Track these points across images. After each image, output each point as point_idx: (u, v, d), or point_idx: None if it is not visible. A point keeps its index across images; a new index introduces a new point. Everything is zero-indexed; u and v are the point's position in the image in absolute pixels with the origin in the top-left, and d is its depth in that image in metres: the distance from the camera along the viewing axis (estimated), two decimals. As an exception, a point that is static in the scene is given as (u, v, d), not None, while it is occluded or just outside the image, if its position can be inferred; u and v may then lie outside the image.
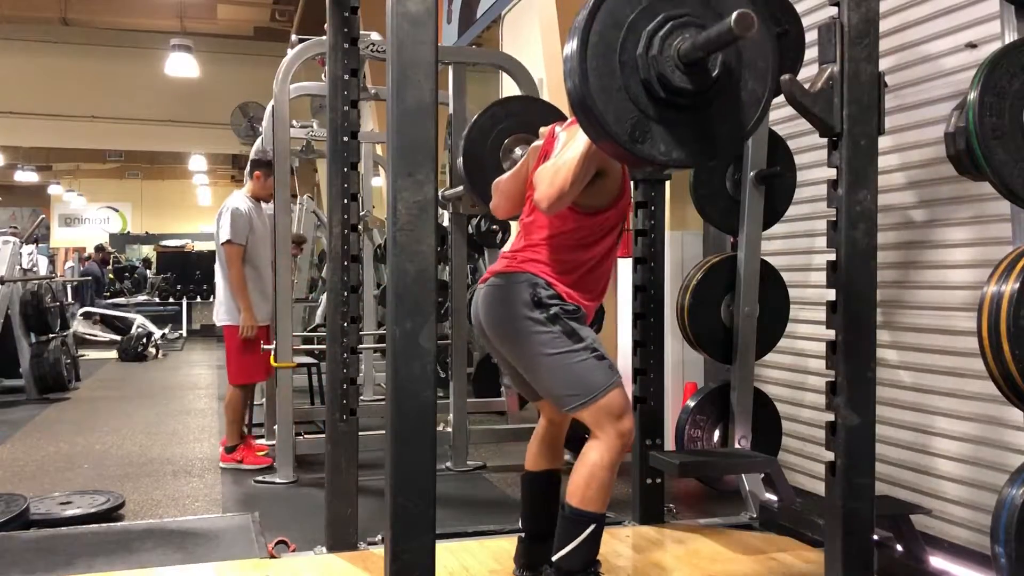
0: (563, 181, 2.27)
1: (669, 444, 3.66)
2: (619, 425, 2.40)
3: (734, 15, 1.77)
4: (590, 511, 2.39)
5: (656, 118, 1.97)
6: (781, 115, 3.78)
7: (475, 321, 2.60)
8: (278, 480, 4.39)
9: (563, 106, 5.54)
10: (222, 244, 4.76)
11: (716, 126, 2.01)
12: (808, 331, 3.99)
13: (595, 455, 2.40)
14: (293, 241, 5.29)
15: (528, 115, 3.81)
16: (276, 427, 4.56)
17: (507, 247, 2.64)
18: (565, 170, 2.28)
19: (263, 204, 4.92)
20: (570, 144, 2.33)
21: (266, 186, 4.82)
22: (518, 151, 3.68)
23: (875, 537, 2.12)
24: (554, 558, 2.44)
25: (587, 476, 2.39)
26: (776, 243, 4.14)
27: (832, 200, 2.03)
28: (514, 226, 5.11)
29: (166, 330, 12.30)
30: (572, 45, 1.97)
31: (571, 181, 2.27)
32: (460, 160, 3.84)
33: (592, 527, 2.40)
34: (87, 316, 12.58)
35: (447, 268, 4.93)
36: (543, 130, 2.72)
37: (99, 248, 17.06)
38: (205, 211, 23.72)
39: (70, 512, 3.73)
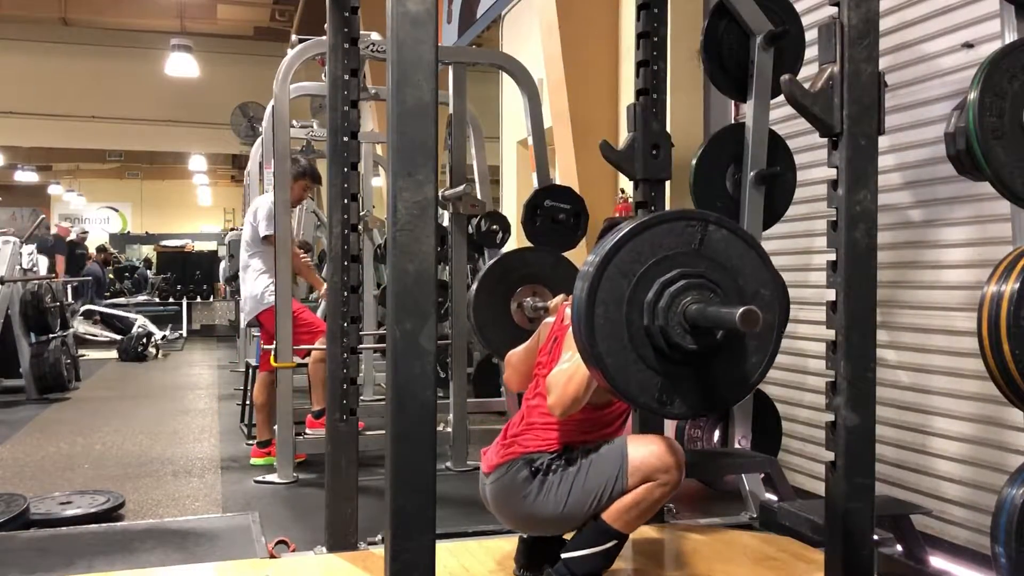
0: (575, 390, 2.33)
1: (669, 444, 3.66)
2: (666, 467, 2.40)
3: (739, 312, 1.86)
4: (618, 530, 2.43)
5: (671, 375, 2.07)
6: (781, 115, 3.78)
7: (488, 508, 2.65)
8: (278, 480, 4.39)
9: (563, 106, 5.56)
10: (263, 238, 4.78)
11: (724, 376, 2.12)
12: (808, 331, 3.99)
13: (646, 488, 2.41)
14: (300, 247, 5.31)
15: (541, 267, 4.00)
16: (276, 427, 4.55)
17: (510, 425, 2.66)
18: (578, 378, 2.31)
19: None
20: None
21: (294, 191, 4.90)
22: (528, 301, 3.88)
23: (875, 537, 2.12)
24: (564, 554, 2.46)
25: (632, 502, 2.41)
26: (776, 243, 4.14)
27: (832, 200, 2.03)
28: (515, 227, 5.11)
29: (167, 332, 12.30)
30: (580, 328, 2.06)
31: (583, 389, 2.33)
32: (471, 310, 3.99)
33: (613, 543, 2.45)
34: (88, 315, 12.58)
35: (447, 268, 4.92)
36: (552, 303, 2.77)
37: (101, 249, 17.06)
38: (205, 211, 23.74)
39: (70, 512, 3.72)
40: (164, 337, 11.73)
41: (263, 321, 4.88)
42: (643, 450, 2.42)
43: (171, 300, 15.25)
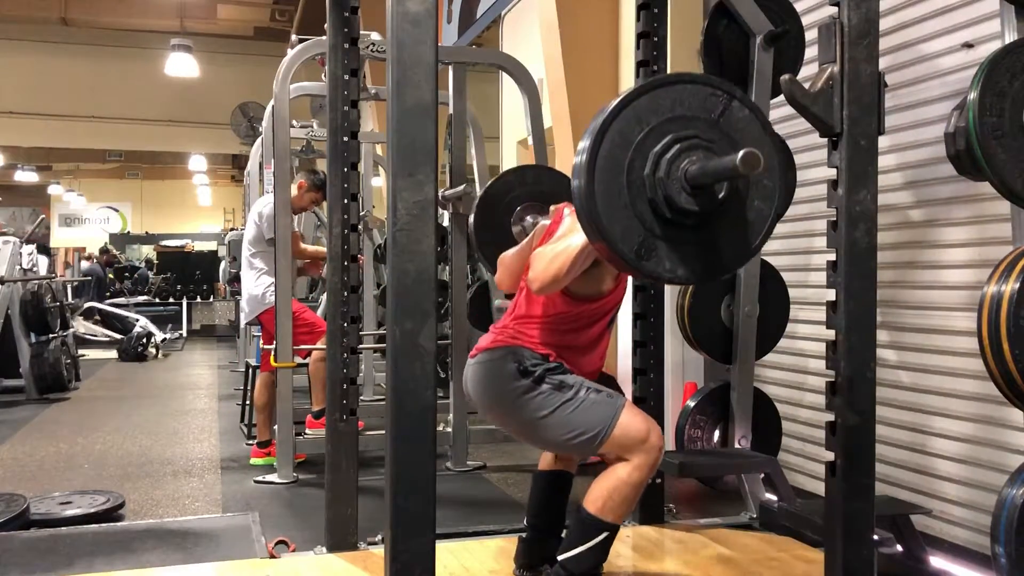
0: (558, 268, 2.31)
1: (669, 444, 3.66)
2: (646, 445, 2.41)
3: (740, 155, 1.82)
4: (607, 520, 2.42)
5: (662, 236, 2.02)
6: (781, 115, 3.78)
7: (466, 395, 2.65)
8: (278, 480, 4.39)
9: (563, 106, 5.55)
10: (268, 240, 4.78)
11: (722, 245, 2.08)
12: (808, 331, 3.99)
13: (624, 472, 2.41)
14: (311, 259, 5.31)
15: (541, 184, 3.89)
16: (276, 427, 4.55)
17: (501, 319, 2.67)
18: (563, 257, 2.30)
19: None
20: (572, 231, 2.34)
21: (303, 199, 4.95)
22: (528, 220, 3.77)
23: (875, 537, 2.12)
24: (560, 556, 2.46)
25: (611, 488, 2.41)
26: (776, 243, 4.14)
27: (832, 200, 2.03)
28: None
29: (167, 333, 12.30)
30: (581, 160, 2.01)
31: (566, 269, 2.30)
32: (472, 225, 3.93)
33: (604, 535, 2.43)
34: (88, 314, 12.58)
35: (447, 268, 4.93)
36: (553, 208, 2.77)
37: (104, 251, 17.04)
38: (205, 211, 23.74)
39: (70, 512, 3.72)
40: (164, 340, 11.73)
41: (264, 321, 4.88)
42: (635, 420, 2.43)
43: (171, 300, 15.26)
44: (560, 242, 2.36)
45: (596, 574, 2.47)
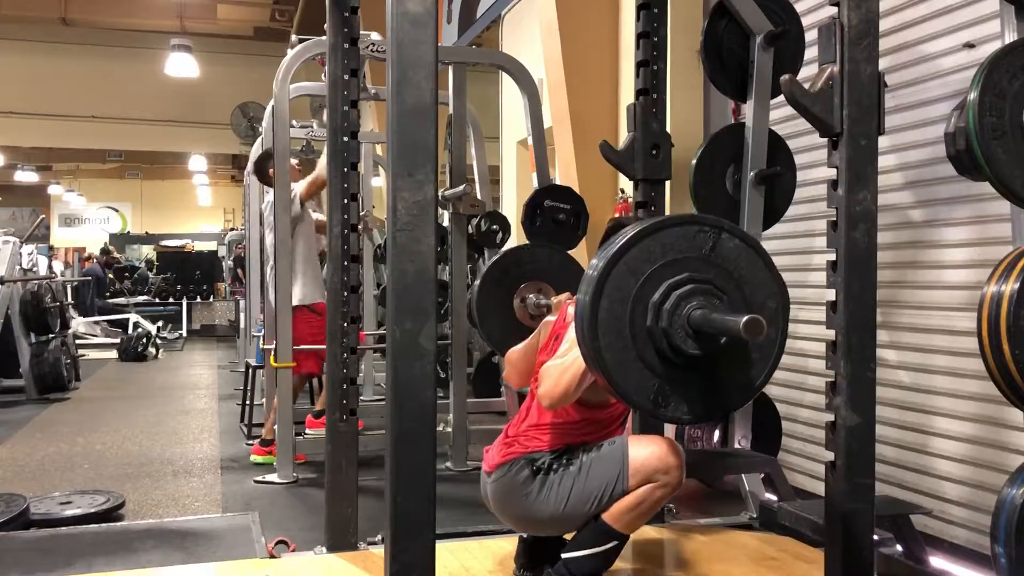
0: (567, 384, 2.32)
1: (669, 444, 3.66)
2: (666, 466, 2.40)
3: (744, 321, 1.86)
4: (618, 531, 2.43)
5: (673, 381, 2.06)
6: (781, 115, 3.77)
7: (489, 508, 2.65)
8: (278, 480, 4.39)
9: (563, 106, 5.56)
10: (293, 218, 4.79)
11: (727, 382, 2.12)
12: (808, 331, 3.99)
13: (646, 490, 2.41)
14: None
15: (546, 263, 3.98)
16: (276, 427, 4.55)
17: (511, 425, 2.66)
18: (571, 372, 2.31)
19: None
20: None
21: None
22: (531, 298, 3.86)
23: (875, 537, 2.12)
24: (565, 554, 2.46)
25: (632, 503, 2.41)
26: (776, 243, 4.14)
27: (832, 200, 2.03)
28: (515, 227, 5.10)
29: (166, 332, 12.30)
30: (583, 319, 2.05)
31: (575, 384, 2.32)
32: (474, 303, 3.98)
33: (613, 544, 2.44)
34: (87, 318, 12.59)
35: (447, 268, 4.92)
36: (555, 301, 2.77)
37: (104, 251, 17.03)
38: (205, 211, 23.73)
39: (70, 512, 3.72)
40: (160, 334, 11.70)
41: (295, 313, 4.87)
42: (644, 451, 2.42)
43: (171, 300, 15.25)
44: (568, 356, 2.35)
45: None
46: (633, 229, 2.07)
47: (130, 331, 11.37)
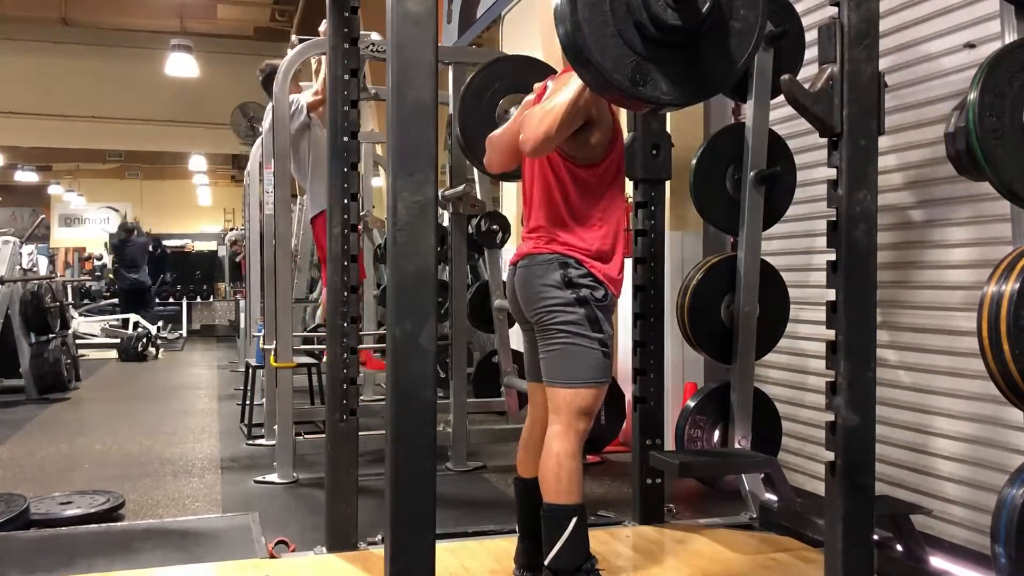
0: (549, 124, 2.32)
1: (669, 444, 3.67)
2: (583, 423, 2.45)
3: None
4: (568, 503, 2.39)
5: (653, 59, 2.00)
6: (781, 115, 3.78)
7: (511, 299, 2.65)
8: (278, 480, 4.39)
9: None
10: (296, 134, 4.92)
11: (710, 61, 2.06)
12: (808, 331, 3.99)
13: (558, 445, 2.42)
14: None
15: (523, 75, 3.80)
16: (276, 427, 4.55)
17: (526, 226, 2.66)
18: (554, 113, 2.32)
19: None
20: (560, 90, 2.37)
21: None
22: (513, 111, 3.65)
23: (875, 537, 2.12)
24: (545, 562, 2.42)
25: (555, 468, 2.40)
26: (776, 243, 4.14)
27: (832, 200, 2.03)
28: (515, 227, 5.10)
29: (167, 332, 12.30)
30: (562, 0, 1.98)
31: (558, 124, 2.31)
32: (456, 124, 3.85)
33: (574, 520, 2.38)
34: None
35: (447, 268, 4.92)
36: (536, 85, 2.75)
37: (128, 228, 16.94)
38: (205, 211, 23.72)
39: (70, 512, 3.72)
40: (160, 334, 11.70)
41: (315, 224, 4.93)
42: (598, 401, 2.50)
43: (171, 300, 15.26)
44: (547, 102, 2.37)
45: (592, 567, 2.45)
46: None
47: (130, 331, 11.37)
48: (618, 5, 1.98)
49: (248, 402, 5.82)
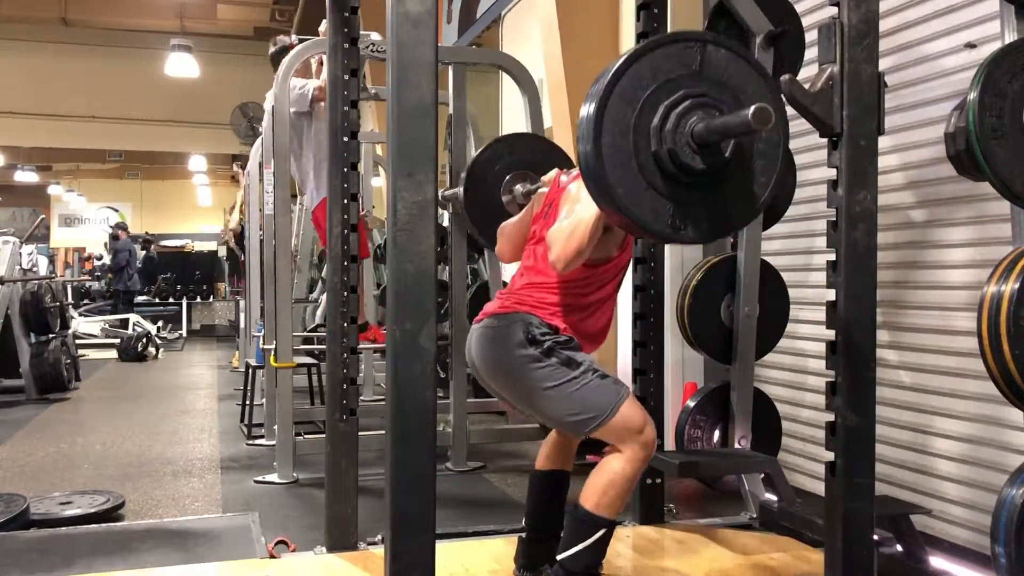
0: (579, 242, 2.31)
1: (669, 444, 3.66)
2: (641, 437, 2.41)
3: (752, 109, 1.83)
4: (603, 516, 2.41)
5: (688, 203, 2.04)
6: (781, 115, 3.77)
7: (469, 361, 2.62)
8: (278, 480, 4.39)
9: (563, 106, 5.55)
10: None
11: (731, 201, 2.10)
12: (808, 331, 3.99)
13: (617, 464, 2.41)
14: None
15: (530, 152, 3.89)
16: (276, 427, 4.55)
17: (502, 292, 2.67)
18: (581, 230, 2.31)
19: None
20: (581, 202, 2.35)
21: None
22: (519, 188, 3.74)
23: (875, 537, 2.12)
24: (559, 556, 2.45)
25: (606, 483, 2.40)
26: (776, 243, 4.14)
27: (832, 200, 2.03)
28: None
29: (166, 332, 12.29)
30: (587, 158, 2.01)
31: (587, 242, 2.32)
32: (462, 194, 3.91)
33: (602, 532, 2.42)
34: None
35: (447, 268, 4.92)
36: (546, 177, 2.76)
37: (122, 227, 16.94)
38: (205, 211, 23.71)
39: (70, 512, 3.72)
40: (160, 334, 11.70)
41: (316, 214, 4.99)
42: (635, 411, 2.43)
43: (171, 300, 15.26)
44: (572, 217, 2.36)
45: (595, 573, 2.47)
46: (618, 61, 2.03)
47: (130, 331, 11.37)
48: (645, 159, 2.01)
49: (248, 402, 5.82)
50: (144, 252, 16.64)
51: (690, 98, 2.01)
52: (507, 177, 3.79)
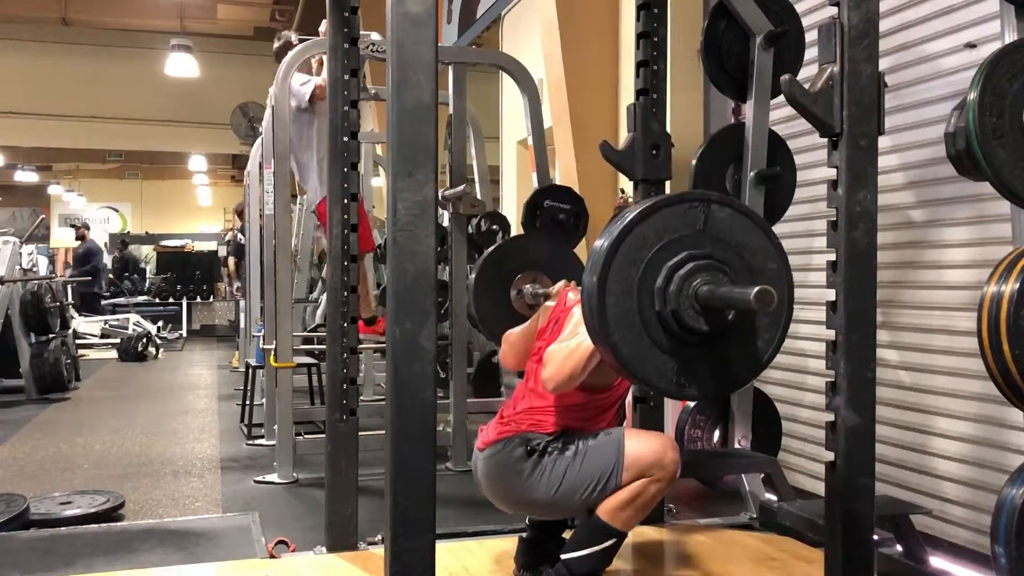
0: (573, 367, 2.32)
1: (669, 444, 3.66)
2: (662, 461, 2.41)
3: (754, 293, 1.85)
4: (616, 527, 2.43)
5: (692, 362, 2.06)
6: (781, 115, 3.77)
7: (479, 489, 2.64)
8: (278, 480, 4.39)
9: (563, 106, 5.56)
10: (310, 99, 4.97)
11: (735, 357, 2.11)
12: (808, 331, 3.99)
13: (641, 484, 2.41)
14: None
15: (540, 254, 3.92)
16: (276, 427, 4.55)
17: (506, 407, 2.67)
18: (577, 356, 2.32)
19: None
20: (582, 325, 2.32)
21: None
22: (527, 288, 3.79)
23: (875, 537, 2.12)
24: (564, 555, 2.46)
25: (627, 499, 2.41)
26: (776, 243, 4.13)
27: (832, 200, 2.03)
28: (515, 227, 5.10)
29: (167, 332, 12.28)
30: (593, 318, 2.04)
31: (581, 367, 2.33)
32: (471, 297, 3.95)
33: (612, 541, 2.44)
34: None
35: (447, 268, 4.92)
36: (554, 289, 2.78)
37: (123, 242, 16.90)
38: (205, 211, 23.73)
39: (70, 512, 3.72)
40: (160, 334, 11.69)
41: (321, 210, 4.92)
42: (640, 445, 2.43)
43: (171, 300, 15.25)
44: (572, 339, 2.36)
45: None
46: (623, 219, 2.05)
47: (130, 331, 11.37)
48: (649, 319, 2.03)
49: (248, 402, 5.82)
50: (118, 252, 16.46)
51: (693, 260, 2.03)
52: (517, 276, 3.85)
